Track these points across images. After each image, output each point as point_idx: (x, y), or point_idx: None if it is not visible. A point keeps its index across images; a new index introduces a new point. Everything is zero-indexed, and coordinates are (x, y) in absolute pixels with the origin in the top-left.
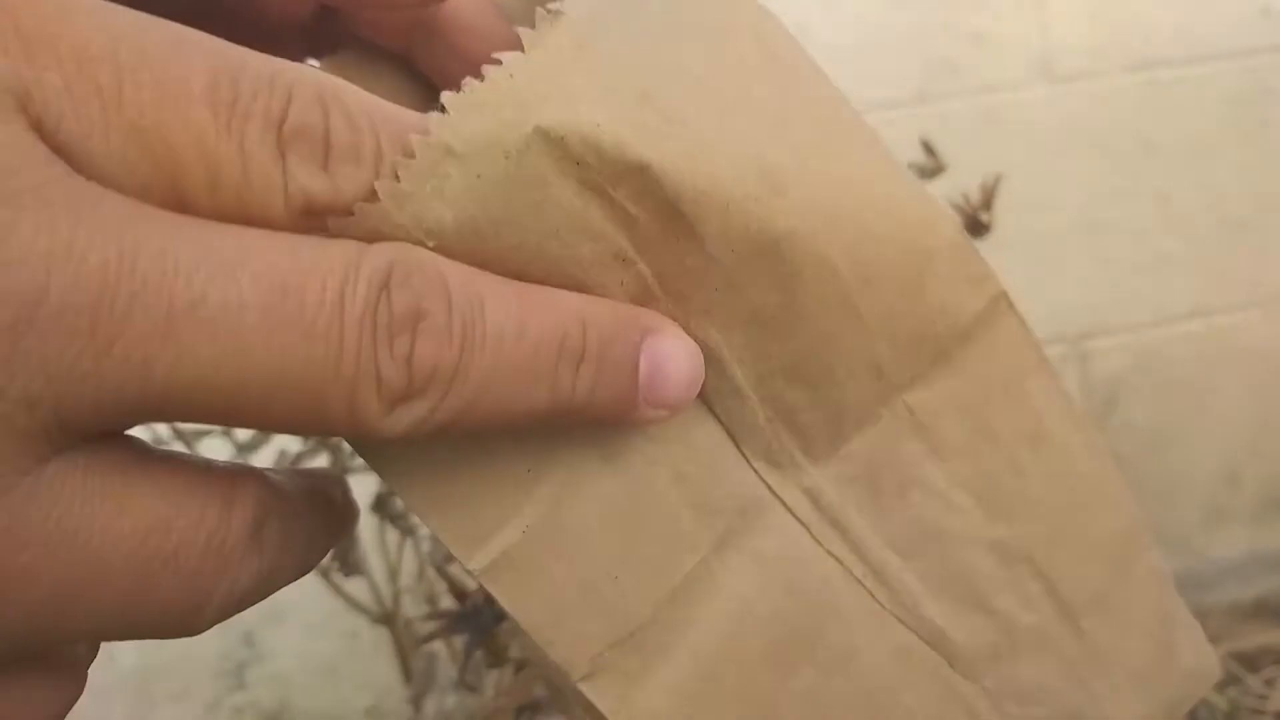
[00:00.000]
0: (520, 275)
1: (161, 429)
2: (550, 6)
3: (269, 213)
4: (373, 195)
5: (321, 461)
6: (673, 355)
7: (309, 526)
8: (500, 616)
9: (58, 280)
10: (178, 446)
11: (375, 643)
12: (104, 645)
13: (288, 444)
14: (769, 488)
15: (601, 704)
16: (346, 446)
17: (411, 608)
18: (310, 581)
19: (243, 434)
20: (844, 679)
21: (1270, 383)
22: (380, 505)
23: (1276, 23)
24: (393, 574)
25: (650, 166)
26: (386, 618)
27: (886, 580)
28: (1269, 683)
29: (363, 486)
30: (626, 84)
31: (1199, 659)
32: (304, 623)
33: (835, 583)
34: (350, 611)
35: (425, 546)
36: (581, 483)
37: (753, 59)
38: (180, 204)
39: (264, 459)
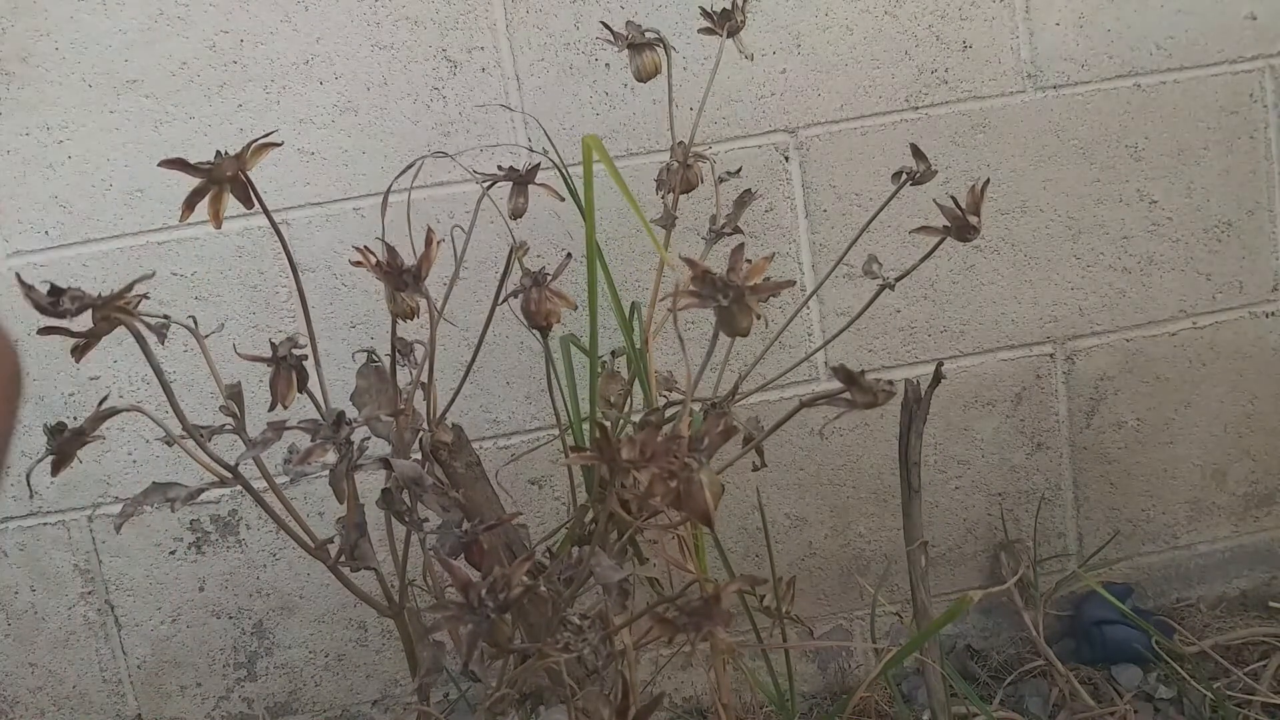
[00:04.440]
0: None
1: (174, 425)
2: None
3: None
4: None
5: (331, 457)
6: None
7: None
8: (504, 607)
9: None
10: (189, 445)
11: (383, 634)
12: (117, 638)
13: (299, 440)
14: None
15: None
16: (356, 439)
17: (418, 600)
18: (319, 575)
19: (254, 430)
20: None
21: (1255, 382)
22: (387, 500)
23: (1261, 32)
24: (400, 567)
25: None
26: (394, 610)
27: None
28: (1254, 675)
29: (370, 482)
30: None
31: None
32: (314, 615)
33: None
34: (358, 604)
35: (431, 540)
36: None
37: None
38: None
39: (275, 455)
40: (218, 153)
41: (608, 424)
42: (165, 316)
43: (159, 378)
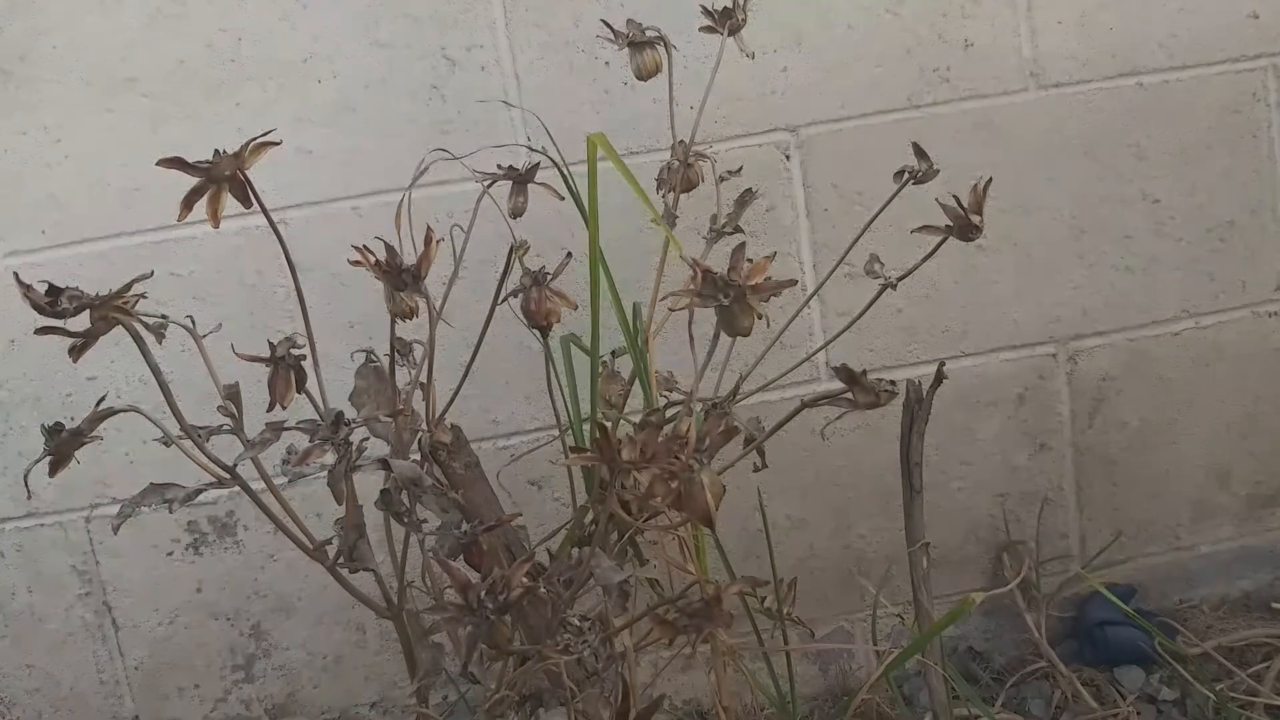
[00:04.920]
0: None
1: (172, 425)
2: None
3: None
4: None
5: (329, 458)
6: None
7: None
8: (503, 609)
9: None
10: (187, 445)
11: (381, 636)
12: (115, 640)
13: (298, 440)
14: None
15: None
16: (354, 440)
17: (417, 601)
18: (317, 576)
19: (252, 430)
20: None
21: (1258, 382)
22: (385, 501)
23: (1264, 30)
24: (398, 568)
25: None
26: (392, 611)
27: None
28: (1257, 677)
29: (369, 482)
30: None
31: None
32: (312, 617)
33: None
34: (357, 605)
35: (430, 541)
36: None
37: None
38: None
39: (273, 455)
40: (216, 152)
41: (608, 424)
42: (163, 316)
43: (157, 378)
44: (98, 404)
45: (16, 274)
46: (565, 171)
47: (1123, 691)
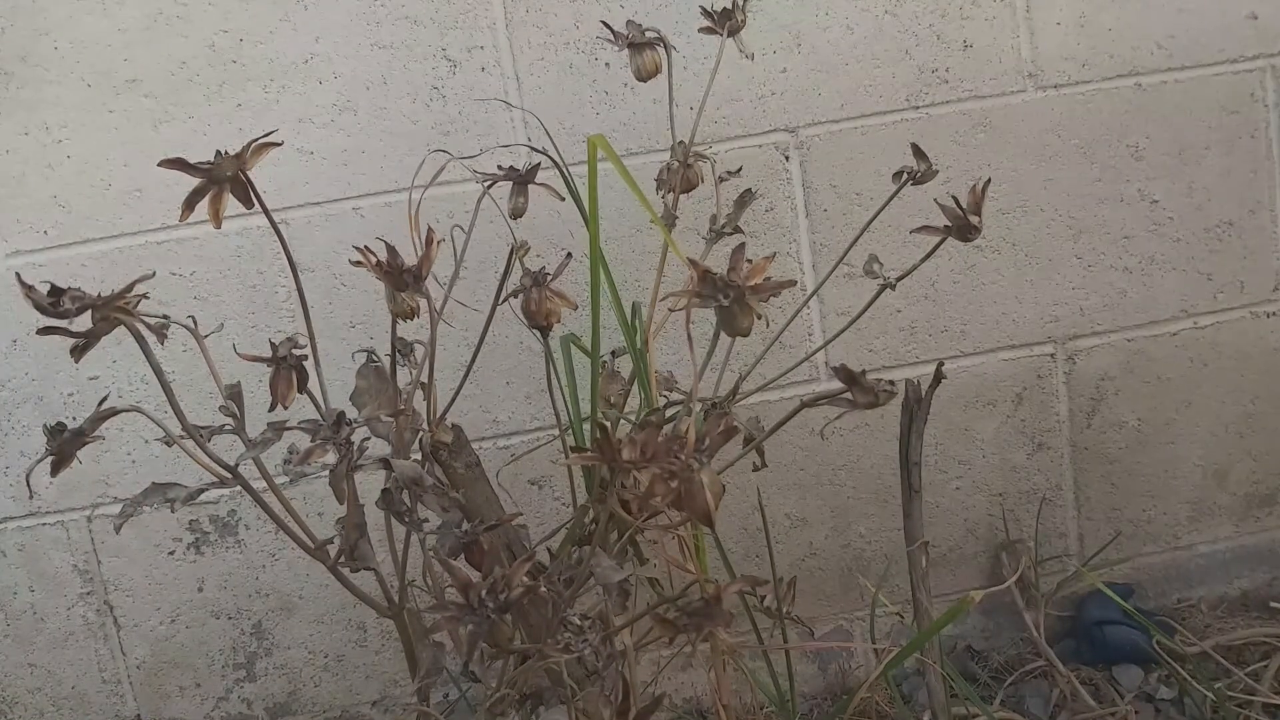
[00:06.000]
0: None
1: (173, 425)
2: None
3: None
4: None
5: (330, 458)
6: None
7: None
8: (504, 608)
9: None
10: (189, 445)
11: (382, 634)
12: (116, 638)
13: (299, 440)
14: None
15: None
16: (355, 439)
17: (418, 600)
18: (318, 575)
19: (254, 430)
20: None
21: (1256, 382)
22: (387, 500)
23: (1262, 31)
24: (399, 568)
25: None
26: (393, 610)
27: None
28: (1255, 676)
29: (370, 482)
30: None
31: None
32: (313, 616)
33: None
34: (358, 604)
35: (431, 540)
36: None
37: None
38: None
39: (275, 455)
40: (217, 152)
41: (608, 424)
42: (165, 316)
43: (159, 378)
44: (100, 404)
45: (19, 274)
46: (565, 172)
47: (1121, 690)
